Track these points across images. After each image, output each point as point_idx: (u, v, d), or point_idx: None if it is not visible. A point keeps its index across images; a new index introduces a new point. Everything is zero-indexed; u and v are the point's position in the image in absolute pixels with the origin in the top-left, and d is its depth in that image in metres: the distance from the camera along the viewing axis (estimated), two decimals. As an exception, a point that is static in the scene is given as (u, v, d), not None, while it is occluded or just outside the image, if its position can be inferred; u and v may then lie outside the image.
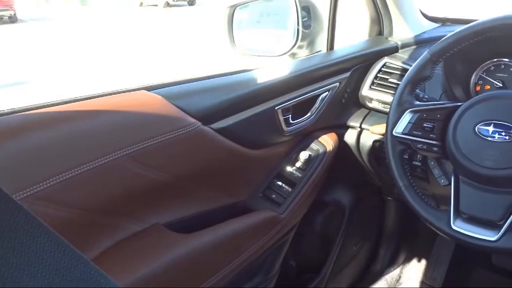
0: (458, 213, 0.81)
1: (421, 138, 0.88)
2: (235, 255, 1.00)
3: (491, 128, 0.77)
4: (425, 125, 0.87)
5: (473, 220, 0.79)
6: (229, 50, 1.23)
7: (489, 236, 0.75)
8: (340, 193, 1.37)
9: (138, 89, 0.87)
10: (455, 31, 0.86)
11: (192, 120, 0.87)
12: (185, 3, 13.95)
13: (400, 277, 1.62)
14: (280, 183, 1.12)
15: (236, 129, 0.96)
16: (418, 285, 1.58)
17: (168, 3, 13.51)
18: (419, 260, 1.63)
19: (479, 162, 0.76)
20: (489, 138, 0.76)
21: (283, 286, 1.27)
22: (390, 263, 1.64)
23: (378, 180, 1.33)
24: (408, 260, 1.65)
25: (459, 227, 0.79)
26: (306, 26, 1.26)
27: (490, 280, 1.54)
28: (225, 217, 1.01)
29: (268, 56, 1.29)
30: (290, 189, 1.11)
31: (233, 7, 1.20)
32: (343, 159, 1.22)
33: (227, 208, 1.04)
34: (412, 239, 1.64)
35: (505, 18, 0.80)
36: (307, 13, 1.26)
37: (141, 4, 13.91)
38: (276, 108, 1.03)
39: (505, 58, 1.04)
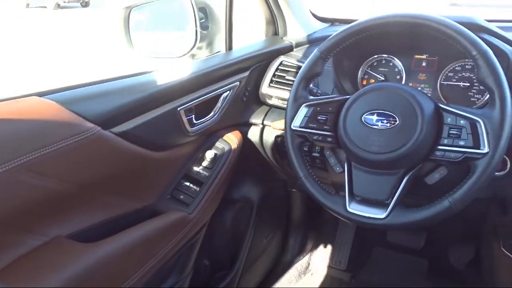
0: (352, 196, 0.88)
1: (316, 130, 0.94)
2: (146, 259, 0.99)
3: (375, 117, 0.85)
4: (319, 117, 0.94)
5: (365, 201, 0.87)
6: (127, 53, 1.20)
7: (378, 214, 0.83)
8: (248, 189, 1.41)
9: (29, 95, 0.82)
10: (339, 30, 0.94)
11: (90, 125, 0.84)
12: (78, 4, 13.14)
13: (309, 264, 1.72)
14: (187, 183, 1.12)
15: (139, 132, 0.95)
16: (325, 269, 1.69)
17: (58, 5, 12.61)
18: (325, 246, 1.74)
19: (366, 148, 0.84)
20: (374, 126, 0.84)
21: (197, 286, 1.28)
22: (300, 252, 1.73)
23: (283, 174, 1.39)
24: (315, 247, 1.75)
25: (354, 209, 0.87)
26: (204, 27, 1.27)
27: (387, 256, 1.69)
28: (135, 222, 0.99)
29: (168, 57, 1.29)
30: (197, 189, 1.12)
31: (129, 9, 1.18)
32: (249, 156, 1.26)
33: (136, 213, 1.02)
34: (318, 226, 1.74)
35: (382, 18, 0.89)
36: (204, 14, 1.28)
37: (27, 6, 12.80)
38: (178, 109, 1.03)
39: (384, 54, 1.15)
